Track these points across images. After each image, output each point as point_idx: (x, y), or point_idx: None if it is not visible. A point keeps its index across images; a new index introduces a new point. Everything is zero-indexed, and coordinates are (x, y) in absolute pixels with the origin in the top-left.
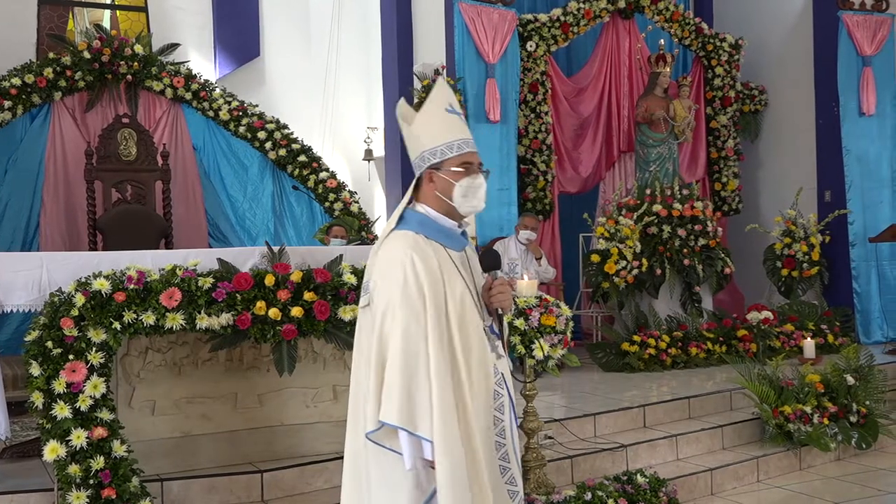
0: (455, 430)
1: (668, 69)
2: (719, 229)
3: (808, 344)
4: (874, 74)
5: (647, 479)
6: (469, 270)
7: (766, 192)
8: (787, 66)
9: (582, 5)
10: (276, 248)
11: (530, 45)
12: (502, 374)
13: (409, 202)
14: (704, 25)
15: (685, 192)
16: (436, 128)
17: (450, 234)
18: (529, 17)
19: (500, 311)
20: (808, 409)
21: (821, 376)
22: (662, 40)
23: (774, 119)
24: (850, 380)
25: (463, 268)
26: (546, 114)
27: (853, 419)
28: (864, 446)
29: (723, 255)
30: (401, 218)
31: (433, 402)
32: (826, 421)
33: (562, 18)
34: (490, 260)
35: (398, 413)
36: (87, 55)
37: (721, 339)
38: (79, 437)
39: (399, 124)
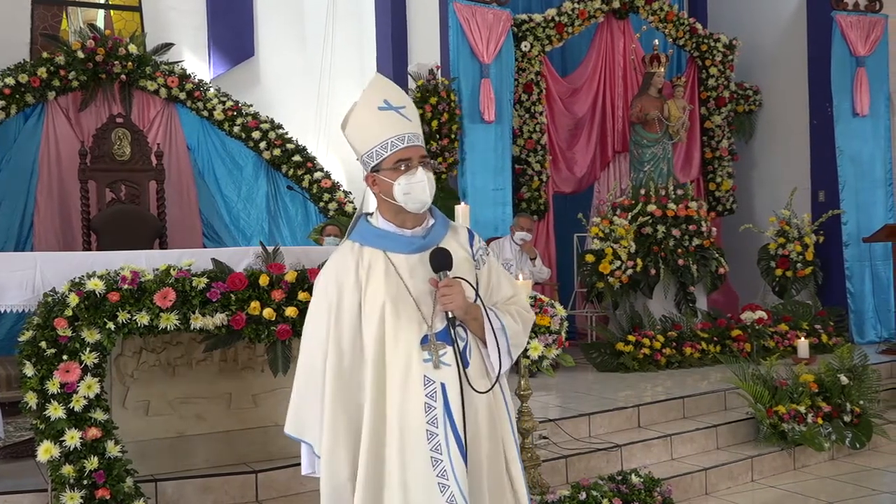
0: (339, 449)
1: (663, 69)
2: (713, 229)
3: (802, 344)
4: (867, 75)
5: (642, 479)
6: (421, 273)
7: (760, 192)
8: (781, 67)
9: (576, 5)
10: (270, 248)
11: (525, 46)
12: (442, 385)
13: (369, 211)
14: (699, 26)
15: (679, 192)
16: (368, 129)
17: (394, 238)
18: (524, 17)
19: (449, 315)
20: (802, 408)
21: (815, 376)
22: (657, 40)
23: (768, 119)
24: (844, 379)
25: (410, 271)
26: (541, 114)
27: (847, 419)
28: (857, 446)
29: (717, 255)
30: (353, 226)
31: (323, 420)
32: (820, 421)
33: (556, 19)
34: (437, 260)
35: (291, 423)
36: (80, 55)
37: (715, 339)
38: (73, 438)
39: (341, 131)
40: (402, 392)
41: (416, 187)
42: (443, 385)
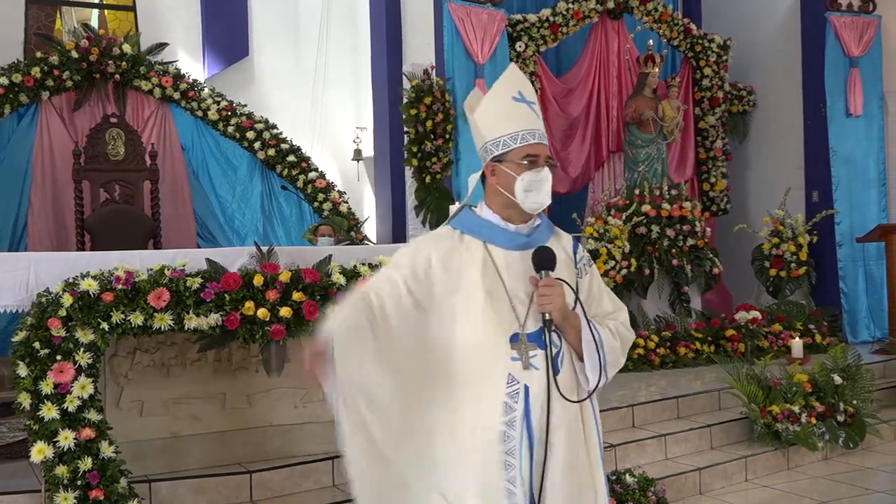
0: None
1: (657, 70)
2: (708, 229)
3: (796, 344)
4: (861, 75)
5: (636, 479)
6: (520, 271)
7: (754, 192)
8: (775, 67)
9: (571, 6)
10: (264, 249)
11: (519, 46)
12: (525, 388)
13: (473, 202)
14: (693, 26)
15: (674, 192)
16: (500, 117)
17: (497, 231)
18: (518, 17)
19: (546, 317)
20: (795, 408)
21: (808, 376)
22: (651, 41)
23: (762, 119)
24: (838, 379)
25: (507, 267)
26: None
27: (840, 419)
28: (851, 445)
29: (711, 255)
30: (456, 214)
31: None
32: (814, 420)
33: (551, 19)
34: (540, 258)
35: None
36: (74, 55)
37: (709, 338)
38: (66, 438)
39: (466, 114)
40: (481, 387)
41: (543, 186)
42: (526, 388)
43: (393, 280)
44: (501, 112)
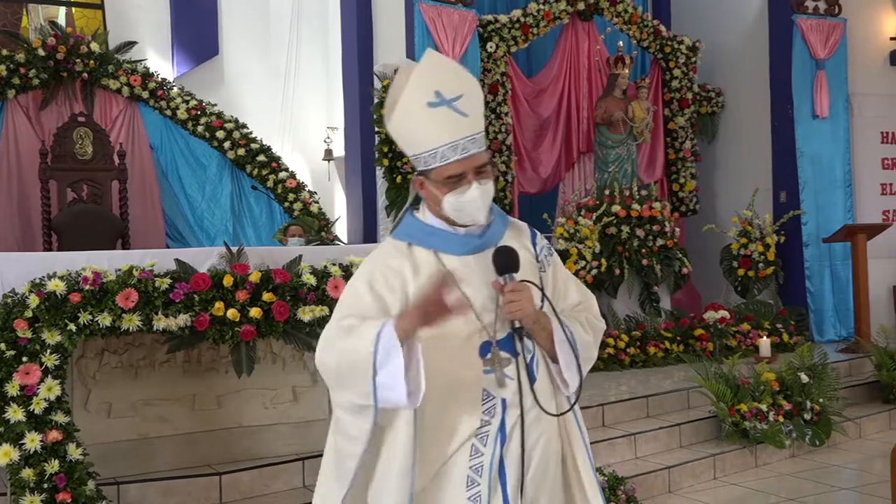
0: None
1: (627, 71)
2: (677, 230)
3: (764, 343)
4: (827, 77)
5: (606, 478)
6: (479, 276)
7: (722, 192)
8: (743, 69)
9: (541, 7)
10: (234, 249)
11: (490, 46)
12: (502, 402)
13: (415, 203)
14: (662, 28)
15: (643, 192)
16: (415, 131)
17: (446, 237)
18: (489, 17)
19: (516, 324)
20: (763, 406)
21: (776, 374)
22: (621, 42)
23: (731, 121)
24: (805, 378)
25: (465, 275)
26: (506, 115)
27: (807, 416)
28: (817, 443)
29: (680, 255)
30: (399, 221)
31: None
32: (781, 418)
33: (522, 20)
34: (502, 261)
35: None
36: (41, 52)
37: (679, 338)
38: (33, 441)
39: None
40: (461, 406)
41: (468, 206)
42: (503, 401)
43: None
44: (415, 125)
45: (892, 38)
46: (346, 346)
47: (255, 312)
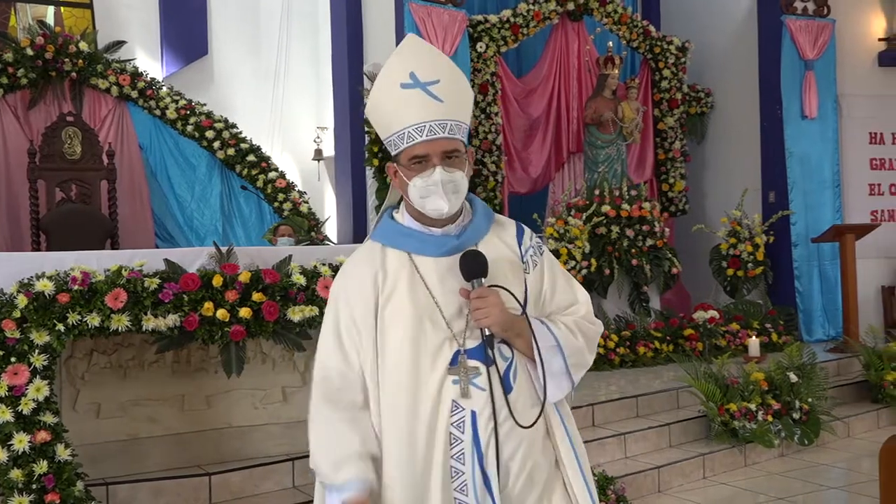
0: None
1: (617, 71)
2: (666, 230)
3: (753, 342)
4: (816, 78)
5: (596, 478)
6: (452, 280)
7: (712, 193)
8: (733, 69)
9: (531, 7)
10: (224, 249)
11: (480, 46)
12: (472, 414)
13: (397, 202)
14: (652, 28)
15: (633, 192)
16: (386, 112)
17: (420, 239)
18: (479, 18)
19: (486, 332)
20: (752, 406)
21: (765, 374)
22: (611, 42)
23: (720, 121)
24: (793, 377)
25: (440, 278)
26: (496, 115)
27: (796, 416)
28: (806, 442)
29: (670, 255)
30: (378, 222)
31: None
32: (770, 418)
33: (511, 20)
34: (468, 266)
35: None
36: (30, 52)
37: (668, 338)
38: (21, 442)
39: None
40: (427, 422)
41: (431, 191)
42: (473, 413)
43: (348, 377)
44: (388, 105)
45: (880, 39)
46: (321, 439)
47: (244, 312)
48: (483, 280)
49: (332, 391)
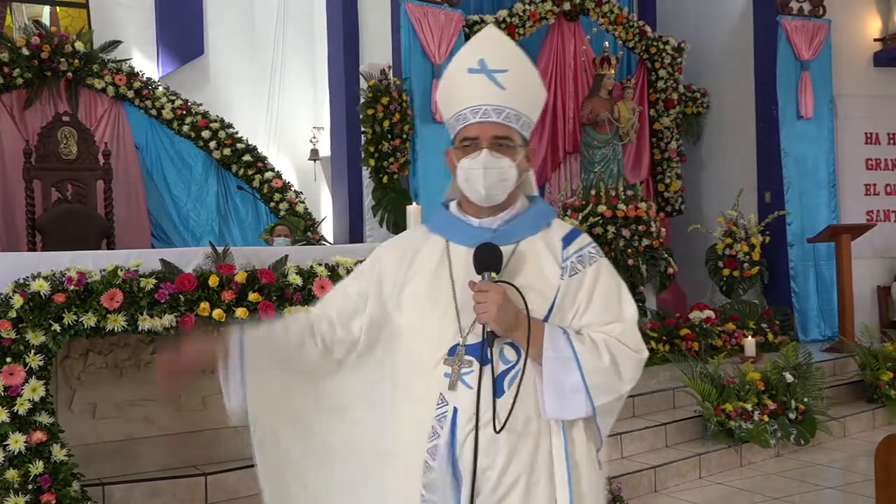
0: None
1: (613, 71)
2: (662, 230)
3: (749, 342)
4: (811, 78)
5: None
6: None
7: (708, 193)
8: (729, 70)
9: (527, 7)
10: (220, 249)
11: None
12: (454, 410)
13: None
14: (648, 28)
15: (629, 192)
16: (451, 94)
17: (458, 227)
18: (476, 18)
19: (486, 329)
20: (748, 406)
21: (761, 374)
22: (607, 42)
23: (716, 121)
24: (789, 377)
25: (467, 269)
26: None
27: (792, 416)
28: (802, 442)
29: (666, 255)
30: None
31: None
32: (766, 418)
33: (507, 20)
34: (481, 257)
35: None
36: (25, 52)
37: (664, 337)
38: (17, 442)
39: None
40: (414, 408)
41: (473, 174)
42: (455, 410)
43: (347, 292)
44: (454, 88)
45: (876, 40)
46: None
47: (240, 313)
48: (493, 275)
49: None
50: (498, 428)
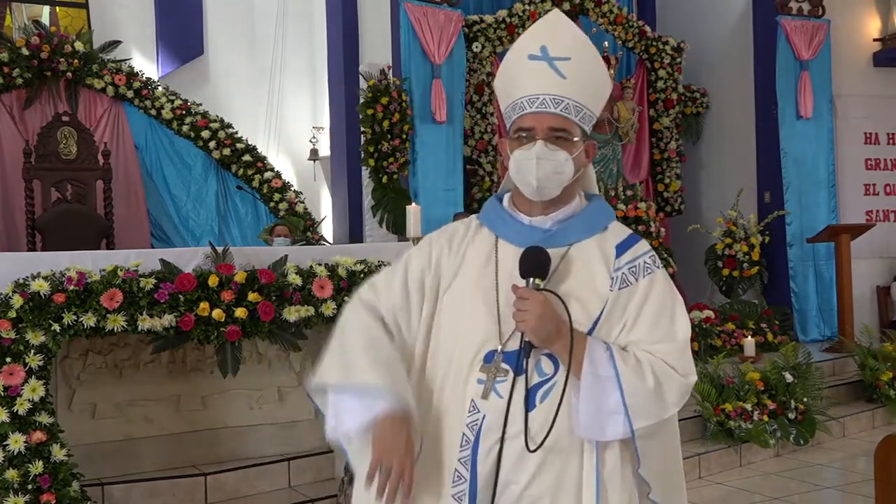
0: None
1: (612, 71)
2: (662, 230)
3: (749, 342)
4: (811, 78)
5: None
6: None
7: (707, 193)
8: (728, 70)
9: (527, 7)
10: (219, 249)
11: (476, 46)
12: (483, 419)
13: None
14: (648, 28)
15: (629, 192)
16: (510, 81)
17: (508, 224)
18: (475, 18)
19: (524, 338)
20: (748, 406)
21: (760, 374)
22: (606, 42)
23: (715, 121)
24: (789, 377)
25: (513, 270)
26: (492, 114)
27: (791, 416)
28: (801, 442)
29: (665, 255)
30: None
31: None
32: (766, 418)
33: (507, 20)
34: (526, 262)
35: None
36: (25, 52)
37: None
38: (17, 442)
39: None
40: (448, 413)
41: (525, 166)
42: (483, 418)
43: (392, 287)
44: (512, 76)
45: (875, 40)
46: (342, 353)
47: (240, 313)
48: (538, 282)
49: (364, 297)
50: (532, 447)
